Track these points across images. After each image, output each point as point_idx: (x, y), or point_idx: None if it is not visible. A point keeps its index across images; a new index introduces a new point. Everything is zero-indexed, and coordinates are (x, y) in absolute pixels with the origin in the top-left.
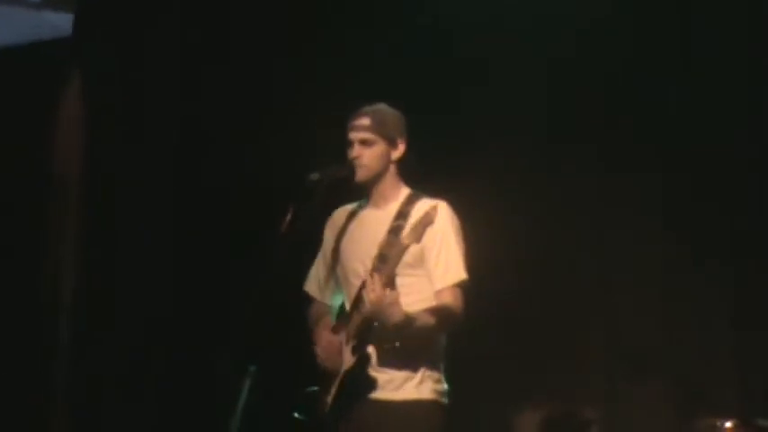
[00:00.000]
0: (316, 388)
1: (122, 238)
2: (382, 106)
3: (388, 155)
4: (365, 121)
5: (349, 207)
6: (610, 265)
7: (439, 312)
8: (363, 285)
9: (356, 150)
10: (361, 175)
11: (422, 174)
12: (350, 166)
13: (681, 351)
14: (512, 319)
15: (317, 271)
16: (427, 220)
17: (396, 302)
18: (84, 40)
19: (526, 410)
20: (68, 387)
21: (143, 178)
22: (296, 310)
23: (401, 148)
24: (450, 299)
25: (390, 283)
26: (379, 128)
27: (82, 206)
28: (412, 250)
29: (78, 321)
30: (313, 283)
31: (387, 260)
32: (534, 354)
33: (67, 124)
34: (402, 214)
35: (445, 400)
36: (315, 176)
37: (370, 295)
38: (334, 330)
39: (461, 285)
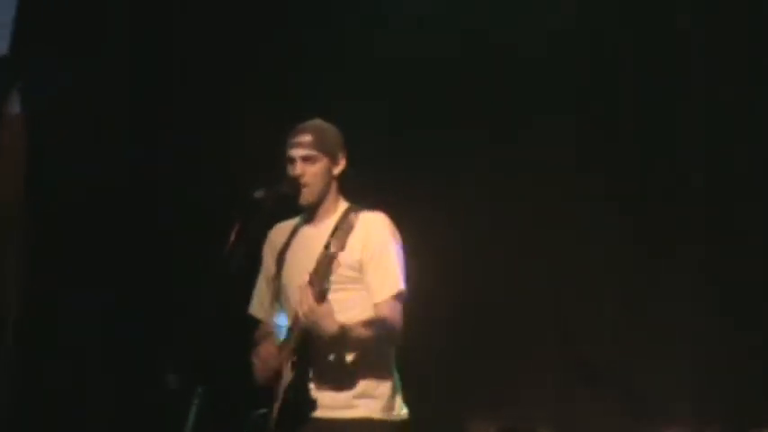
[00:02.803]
0: (265, 410)
1: (64, 257)
2: (320, 122)
3: (330, 171)
4: (307, 138)
5: (287, 224)
6: (564, 269)
7: (374, 324)
8: None
9: (299, 167)
10: (307, 196)
11: (361, 186)
12: (293, 184)
13: (637, 362)
14: (466, 329)
15: (260, 292)
16: (347, 227)
17: (328, 314)
18: (22, 62)
19: (480, 427)
20: (10, 402)
21: (84, 197)
22: (245, 330)
23: (342, 164)
24: (387, 311)
25: (322, 295)
26: (322, 144)
27: (23, 225)
28: (348, 262)
29: (20, 338)
30: (257, 305)
31: (321, 273)
32: (488, 365)
33: (9, 141)
34: (339, 229)
35: (397, 419)
36: (259, 193)
37: (303, 308)
38: (280, 349)
39: (399, 297)
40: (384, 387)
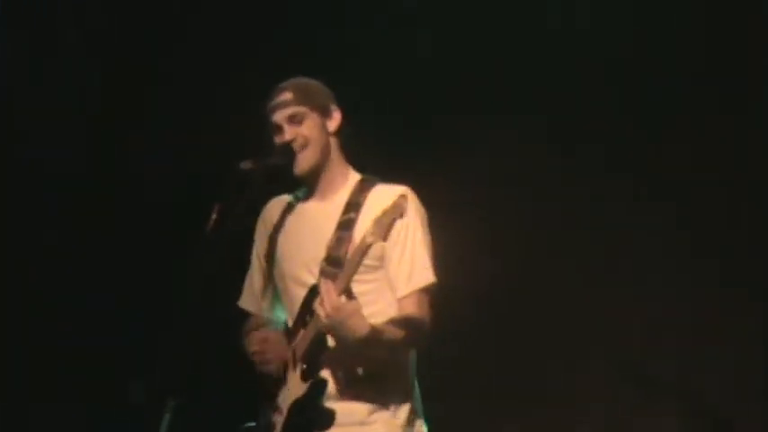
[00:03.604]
0: (253, 424)
1: (24, 249)
2: (299, 78)
3: (325, 127)
4: (287, 96)
5: (284, 199)
6: (615, 270)
7: (407, 324)
8: (311, 295)
9: (287, 131)
10: (304, 163)
11: (363, 151)
12: (285, 151)
13: (701, 378)
14: (500, 331)
15: (252, 282)
16: (396, 212)
17: (357, 313)
18: None
19: None
20: None
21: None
22: (227, 331)
23: (336, 117)
24: (416, 308)
25: (348, 290)
26: (306, 98)
27: None
28: (373, 250)
29: None
30: (248, 298)
31: (339, 262)
32: (526, 376)
33: None
34: (352, 205)
35: None
36: (246, 165)
37: (326, 307)
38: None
39: (427, 291)
40: (404, 400)
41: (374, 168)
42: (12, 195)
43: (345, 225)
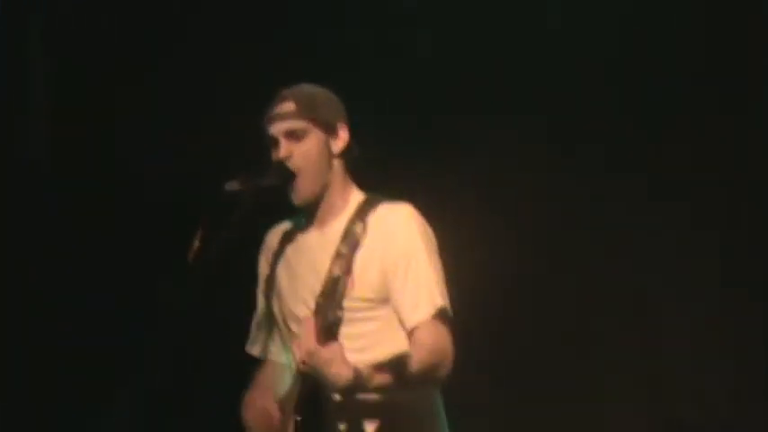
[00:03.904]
0: None
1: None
2: (307, 85)
3: (328, 147)
4: (289, 106)
5: (284, 227)
6: (614, 270)
7: (406, 362)
8: None
9: (283, 148)
10: (302, 189)
11: (366, 165)
12: (280, 171)
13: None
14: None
15: (258, 322)
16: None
17: (335, 358)
18: None
19: None
20: None
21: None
22: (213, 373)
23: (343, 136)
24: (427, 338)
25: (329, 331)
26: (310, 112)
27: None
28: (366, 280)
29: None
30: (255, 341)
31: (333, 296)
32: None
33: None
34: (351, 231)
35: None
36: (234, 186)
37: (300, 350)
38: (281, 404)
39: (440, 316)
40: None
41: (377, 178)
42: (11, 195)
43: (343, 255)
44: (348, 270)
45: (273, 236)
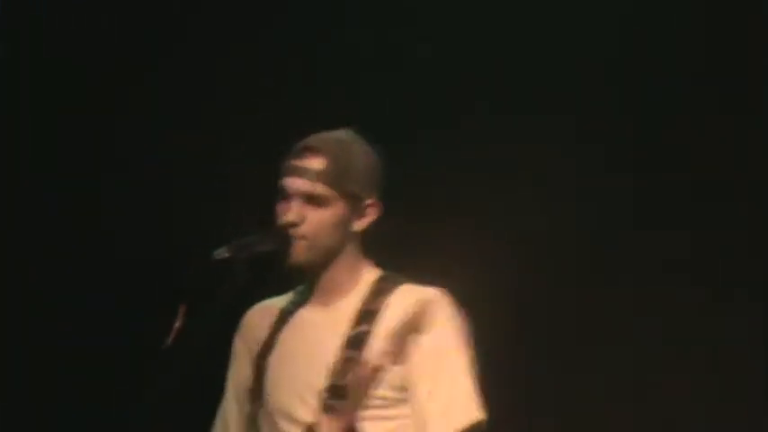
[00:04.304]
0: None
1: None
2: (343, 137)
3: (348, 223)
4: (318, 164)
5: (272, 306)
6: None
7: None
8: None
9: (295, 210)
10: (300, 255)
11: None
12: (280, 235)
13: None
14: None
15: (225, 419)
16: (413, 325)
17: None
18: None
19: None
20: None
21: None
22: None
23: (370, 215)
24: None
25: (352, 430)
26: (341, 180)
27: None
28: (390, 377)
29: None
30: None
31: (346, 393)
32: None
33: None
34: (366, 314)
35: None
36: (223, 252)
37: None
38: None
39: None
40: None
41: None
42: (11, 195)
43: (355, 342)
44: (363, 359)
45: (257, 315)
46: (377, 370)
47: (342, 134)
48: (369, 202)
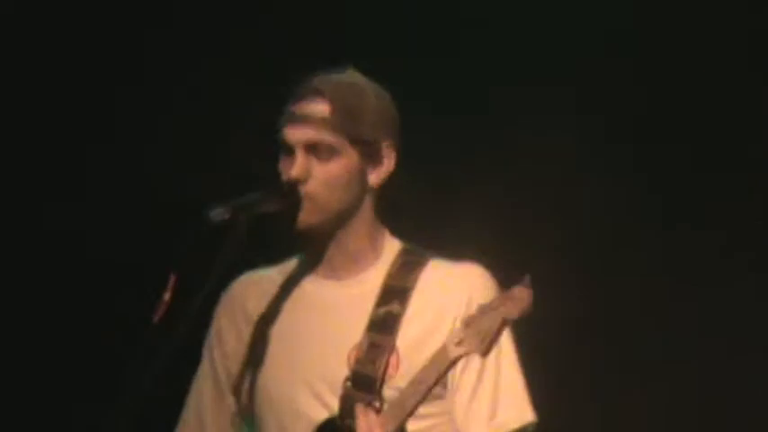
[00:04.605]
0: None
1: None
2: (350, 76)
3: (362, 176)
4: (321, 109)
5: (267, 275)
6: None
7: None
8: None
9: (300, 164)
10: (309, 216)
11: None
12: (286, 193)
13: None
14: None
15: (198, 409)
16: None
17: None
18: None
19: None
20: None
21: None
22: None
23: (388, 164)
24: None
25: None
26: (350, 123)
27: None
28: (418, 364)
29: None
30: (192, 428)
31: (373, 385)
32: None
33: None
34: (395, 291)
35: None
36: (221, 213)
37: None
38: None
39: None
40: None
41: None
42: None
43: (384, 324)
44: (393, 345)
45: (245, 286)
46: (441, 358)
47: (347, 74)
48: (386, 147)
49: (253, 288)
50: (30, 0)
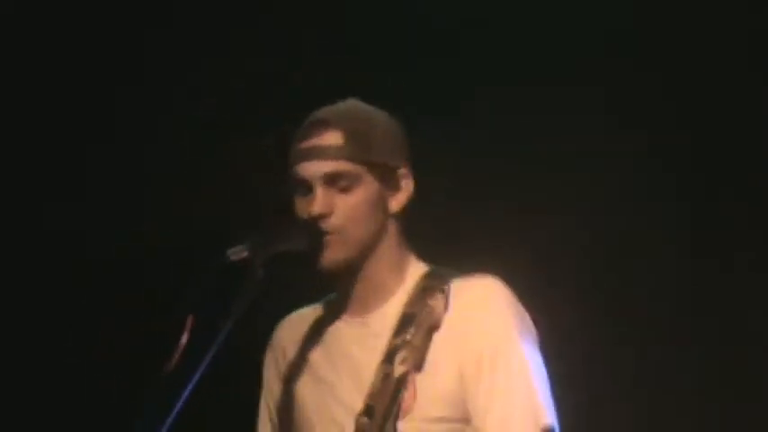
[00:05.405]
0: None
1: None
2: (355, 105)
3: (385, 203)
4: (334, 138)
5: (306, 315)
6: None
7: None
8: None
9: (321, 199)
10: (337, 251)
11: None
12: (307, 233)
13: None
14: None
15: None
16: (432, 321)
17: None
18: None
19: None
20: None
21: None
22: None
23: (407, 187)
24: None
25: None
26: (364, 150)
27: None
28: (437, 390)
29: None
30: None
31: (373, 413)
32: None
33: None
34: (408, 320)
35: None
36: (238, 251)
37: None
38: None
39: None
40: None
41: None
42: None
43: (398, 353)
44: (404, 376)
45: (287, 330)
46: (423, 386)
47: (349, 103)
48: (402, 170)
49: (288, 332)
50: (30, 0)
